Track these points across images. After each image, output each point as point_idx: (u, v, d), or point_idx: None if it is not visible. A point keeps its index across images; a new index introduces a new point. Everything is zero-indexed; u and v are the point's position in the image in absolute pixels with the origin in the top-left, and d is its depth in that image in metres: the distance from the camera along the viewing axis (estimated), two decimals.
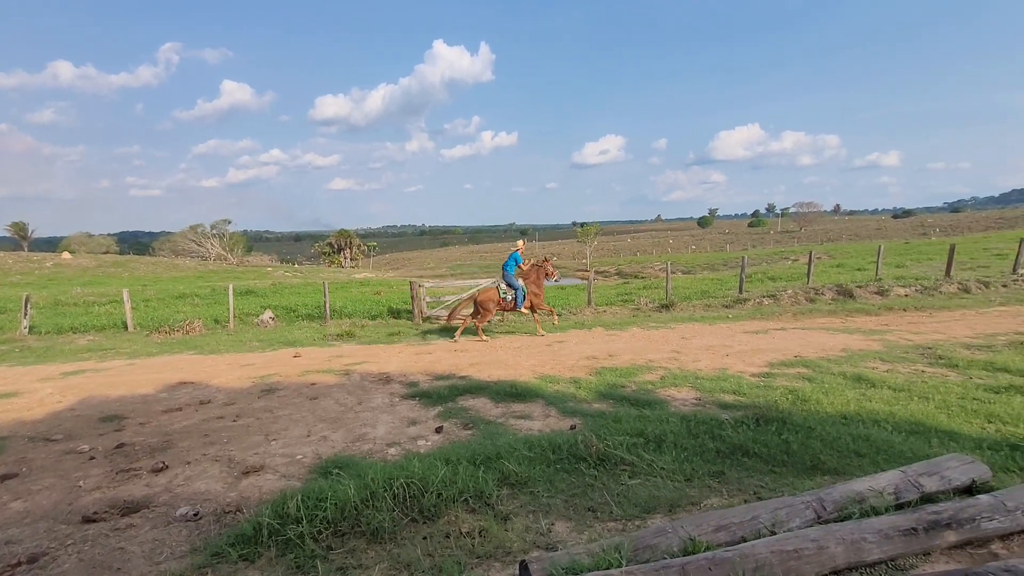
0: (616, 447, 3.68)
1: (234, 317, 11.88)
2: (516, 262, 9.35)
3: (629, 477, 3.30)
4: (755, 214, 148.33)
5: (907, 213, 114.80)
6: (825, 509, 2.53)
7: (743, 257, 13.36)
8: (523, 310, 9.28)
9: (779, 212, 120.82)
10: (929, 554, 2.35)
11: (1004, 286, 11.92)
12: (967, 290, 11.65)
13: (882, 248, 14.18)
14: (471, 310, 9.50)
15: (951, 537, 2.36)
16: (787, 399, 4.66)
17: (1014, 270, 13.17)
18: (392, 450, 3.97)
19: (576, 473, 3.36)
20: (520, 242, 10.08)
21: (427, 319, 11.57)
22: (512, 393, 5.32)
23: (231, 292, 12.41)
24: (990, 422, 3.90)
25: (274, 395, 5.66)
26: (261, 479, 3.52)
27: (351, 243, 60.67)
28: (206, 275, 33.31)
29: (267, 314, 12.18)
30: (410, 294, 12.24)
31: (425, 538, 2.67)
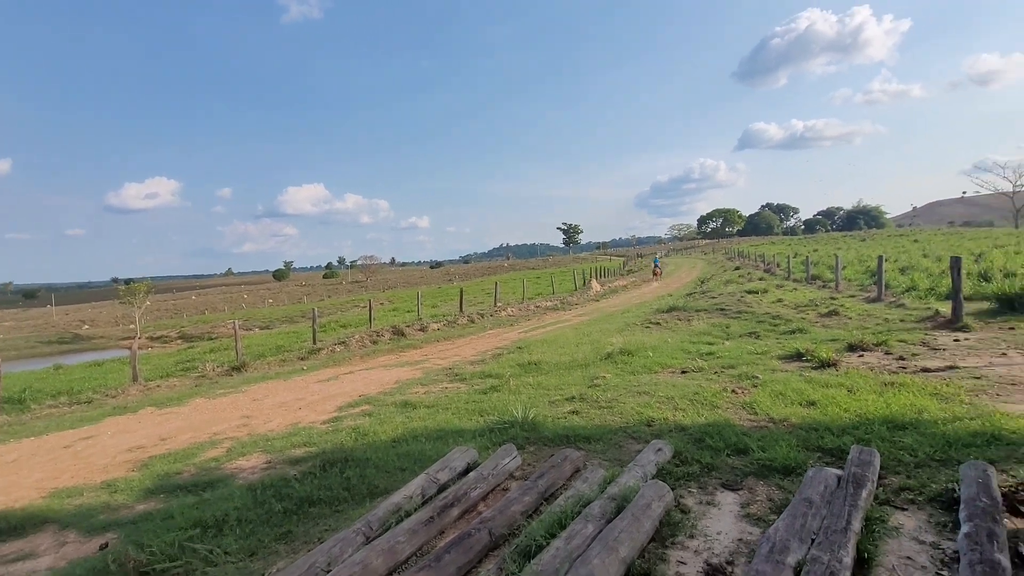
0: (164, 551, 3.03)
1: None
2: None
3: None
4: (328, 266, 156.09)
5: (439, 264, 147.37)
6: (372, 530, 2.88)
7: (314, 309, 13.80)
8: None
9: (348, 264, 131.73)
10: (444, 532, 3.04)
11: (491, 315, 16.97)
12: (472, 320, 15.93)
13: (420, 294, 17.57)
14: None
15: (455, 512, 3.13)
16: (351, 437, 5.07)
17: (495, 304, 19.02)
18: None
19: None
20: None
21: None
22: (1, 531, 3.58)
23: None
24: (481, 416, 5.42)
25: None
26: None
27: None
28: None
29: None
30: None
31: None
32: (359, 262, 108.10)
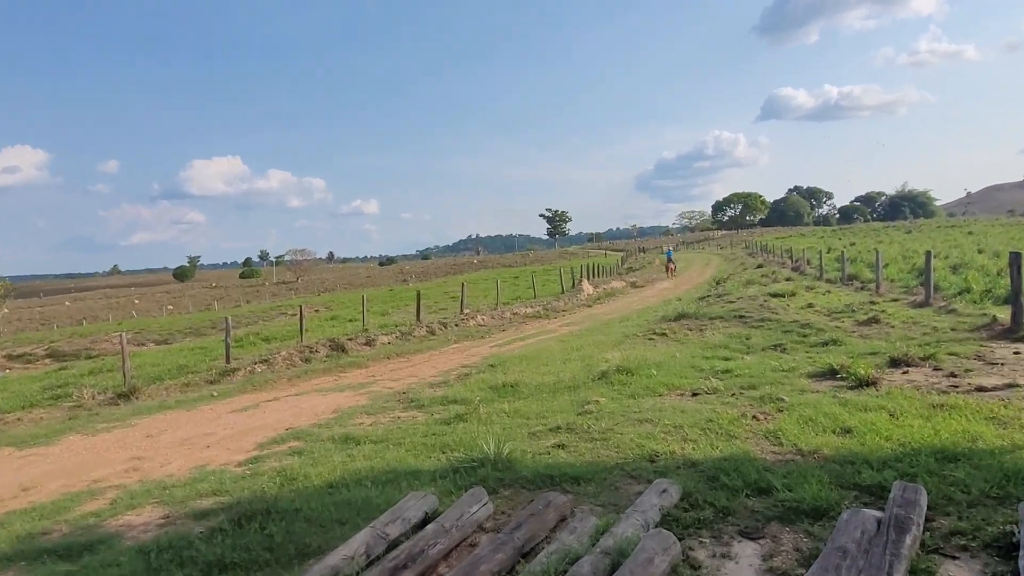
0: None
1: None
2: None
3: None
4: (247, 262, 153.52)
5: (390, 260, 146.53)
6: None
7: (227, 318, 13.54)
8: None
9: (273, 260, 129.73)
10: None
11: (456, 325, 16.96)
12: (432, 332, 15.88)
13: (365, 298, 17.44)
14: None
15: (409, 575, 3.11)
16: (275, 483, 5.00)
17: (461, 310, 19.02)
18: None
19: None
20: None
21: None
22: None
23: None
24: (443, 452, 5.42)
25: None
26: None
27: None
28: None
29: None
30: None
31: None
32: (287, 257, 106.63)
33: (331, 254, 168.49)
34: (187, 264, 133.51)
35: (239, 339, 17.07)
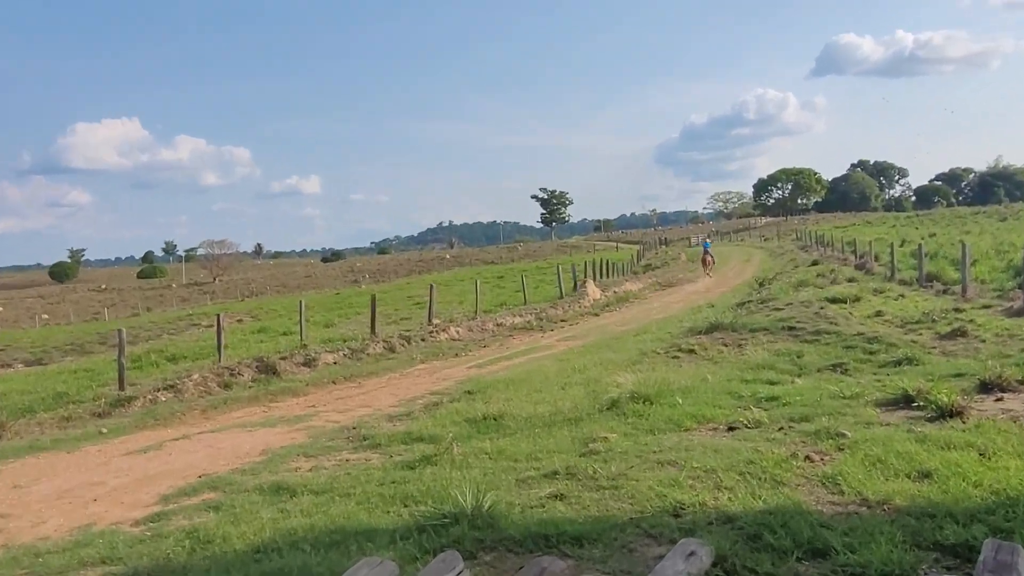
0: None
1: None
2: None
3: None
4: (148, 257, 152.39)
5: (337, 255, 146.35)
6: None
7: (120, 330, 13.41)
8: None
9: (183, 254, 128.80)
10: None
11: (423, 339, 16.99)
12: (392, 348, 15.89)
13: (304, 305, 17.39)
14: None
15: None
16: (184, 547, 4.96)
17: (429, 320, 19.04)
18: None
19: None
20: None
21: None
22: None
23: None
24: (405, 505, 5.41)
25: None
26: None
27: None
28: None
29: None
30: None
31: None
32: (201, 251, 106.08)
33: (259, 247, 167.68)
34: (68, 260, 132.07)
35: (137, 358, 16.90)
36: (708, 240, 44.15)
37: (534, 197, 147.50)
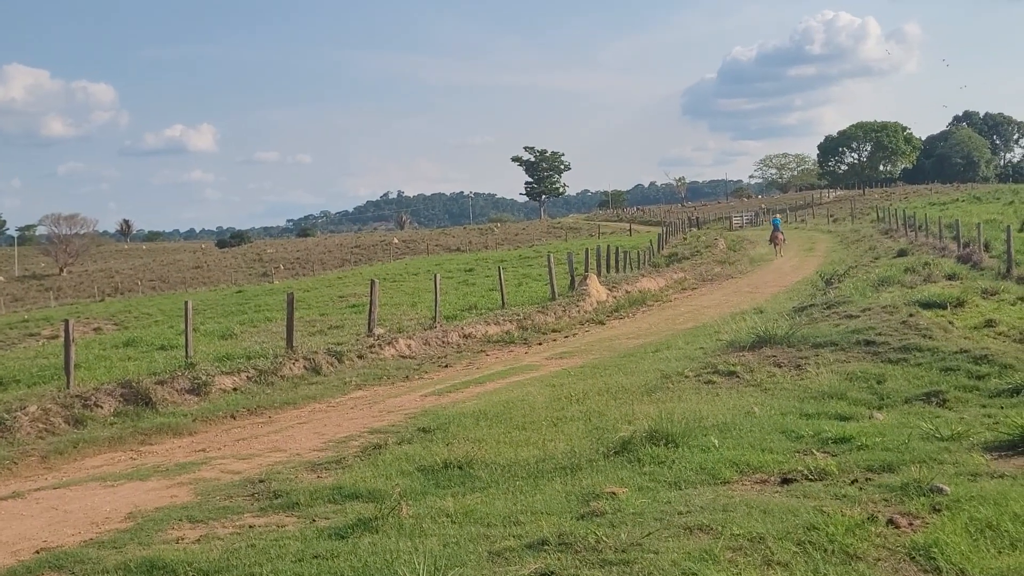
0: None
1: None
2: None
3: None
4: None
5: (240, 237, 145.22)
6: None
7: None
8: None
9: (15, 234, 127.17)
10: None
11: (360, 356, 16.92)
12: (317, 369, 15.81)
13: (190, 307, 17.23)
14: None
15: None
16: None
17: (370, 330, 18.99)
18: None
19: None
20: None
21: None
22: None
23: None
24: None
25: None
26: None
27: None
28: None
29: None
30: None
31: None
32: (42, 229, 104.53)
33: (126, 225, 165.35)
34: None
35: None
36: (778, 216, 51.58)
37: (516, 160, 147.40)
